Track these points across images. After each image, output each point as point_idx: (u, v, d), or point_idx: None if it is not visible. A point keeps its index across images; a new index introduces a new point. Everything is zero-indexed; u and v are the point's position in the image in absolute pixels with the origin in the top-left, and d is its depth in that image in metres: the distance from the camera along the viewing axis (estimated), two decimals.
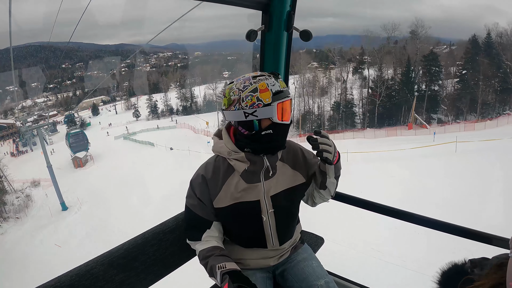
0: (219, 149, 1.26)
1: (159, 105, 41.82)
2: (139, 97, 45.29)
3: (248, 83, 1.16)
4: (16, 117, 38.77)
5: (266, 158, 1.23)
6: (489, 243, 1.20)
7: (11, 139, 33.88)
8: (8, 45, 40.05)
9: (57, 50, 47.04)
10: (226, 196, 1.24)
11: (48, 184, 18.50)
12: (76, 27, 36.91)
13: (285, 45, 1.64)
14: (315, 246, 1.72)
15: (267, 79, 1.16)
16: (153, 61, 52.51)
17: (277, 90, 1.15)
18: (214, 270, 1.16)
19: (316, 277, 1.35)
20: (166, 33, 46.92)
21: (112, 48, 53.78)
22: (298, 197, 1.38)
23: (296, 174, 1.33)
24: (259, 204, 1.26)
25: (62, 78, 47.56)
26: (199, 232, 1.29)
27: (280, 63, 1.68)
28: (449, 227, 1.34)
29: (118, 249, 1.27)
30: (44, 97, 45.08)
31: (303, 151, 1.39)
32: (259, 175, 1.25)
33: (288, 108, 1.18)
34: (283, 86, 1.17)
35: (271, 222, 1.29)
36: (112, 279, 1.20)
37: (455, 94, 28.94)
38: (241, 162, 1.22)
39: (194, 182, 1.29)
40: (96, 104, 45.69)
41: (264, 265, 1.39)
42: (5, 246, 14.30)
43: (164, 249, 1.37)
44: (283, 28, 1.57)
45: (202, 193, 1.26)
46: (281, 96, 1.15)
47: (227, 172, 1.26)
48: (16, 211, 17.48)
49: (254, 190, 1.25)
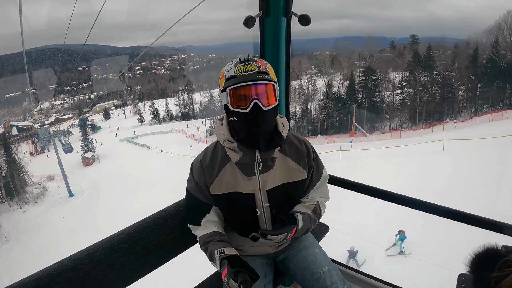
0: (218, 136, 1.26)
1: (161, 111, 44.44)
2: (145, 102, 47.82)
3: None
4: (34, 119, 41.55)
5: (257, 151, 1.20)
6: (500, 231, 1.20)
7: (30, 140, 36.97)
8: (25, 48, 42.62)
9: (74, 53, 48.99)
10: (221, 183, 1.24)
11: (60, 179, 24.67)
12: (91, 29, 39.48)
13: (285, 31, 1.63)
14: (319, 233, 1.73)
15: (228, 65, 1.16)
16: (168, 63, 53.45)
17: (230, 76, 1.13)
18: (213, 255, 1.17)
19: (319, 264, 1.33)
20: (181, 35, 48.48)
21: (128, 51, 55.13)
22: (297, 193, 1.34)
23: (298, 169, 1.29)
24: (254, 198, 1.25)
25: (79, 81, 49.25)
26: (199, 215, 1.29)
27: (280, 49, 1.67)
28: (459, 215, 1.34)
29: (119, 234, 1.30)
30: (61, 99, 47.08)
31: (309, 148, 1.34)
32: (253, 168, 1.23)
33: (248, 95, 1.11)
34: (246, 69, 1.11)
35: (266, 216, 1.28)
36: (113, 263, 1.23)
37: (397, 105, 30.96)
38: (234, 152, 1.21)
39: (193, 167, 1.30)
40: (108, 108, 48.08)
41: (263, 252, 1.40)
42: (26, 218, 21.77)
43: (165, 235, 1.39)
44: (282, 14, 1.56)
45: (199, 177, 1.27)
46: (233, 81, 1.11)
47: (224, 159, 1.25)
48: (35, 197, 24.35)
49: (249, 182, 1.24)
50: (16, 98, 42.41)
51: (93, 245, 1.24)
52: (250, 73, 1.10)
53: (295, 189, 1.31)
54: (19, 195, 24.92)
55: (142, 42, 60.31)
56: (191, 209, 1.33)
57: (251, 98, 1.11)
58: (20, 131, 36.96)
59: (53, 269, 1.13)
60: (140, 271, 1.32)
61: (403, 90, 30.57)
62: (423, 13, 35.99)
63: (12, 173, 26.39)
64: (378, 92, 31.54)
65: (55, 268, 1.13)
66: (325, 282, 1.28)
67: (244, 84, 1.10)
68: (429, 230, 10.23)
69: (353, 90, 32.00)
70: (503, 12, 26.78)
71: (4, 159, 27.74)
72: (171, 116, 43.34)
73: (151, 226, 1.36)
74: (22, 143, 36.05)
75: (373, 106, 30.88)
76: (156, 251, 1.36)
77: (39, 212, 21.90)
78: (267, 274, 1.35)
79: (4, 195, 24.80)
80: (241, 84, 1.10)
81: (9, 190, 25.05)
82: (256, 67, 1.12)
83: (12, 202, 24.20)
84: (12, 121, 38.49)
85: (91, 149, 33.25)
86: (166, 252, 1.41)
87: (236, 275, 1.03)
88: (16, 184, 25.77)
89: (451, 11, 35.46)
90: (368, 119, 30.37)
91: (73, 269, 1.15)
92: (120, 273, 1.25)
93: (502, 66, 25.92)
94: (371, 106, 30.78)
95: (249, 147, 1.19)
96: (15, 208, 23.41)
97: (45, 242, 17.04)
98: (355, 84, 32.15)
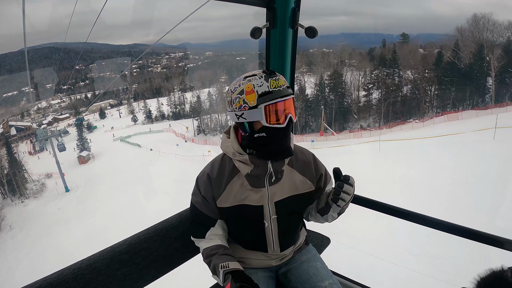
0: (225, 148, 1.27)
1: (153, 111, 45.99)
2: (139, 102, 49.01)
3: (237, 84, 1.18)
4: (32, 118, 42.88)
5: (270, 163, 1.23)
6: (501, 247, 1.20)
7: (29, 140, 38.54)
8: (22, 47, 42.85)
9: (71, 52, 49.90)
10: (229, 196, 1.26)
11: (58, 176, 27.78)
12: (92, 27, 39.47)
13: (291, 42, 1.67)
14: (321, 246, 1.75)
15: (255, 80, 1.14)
16: (164, 61, 53.74)
17: (264, 91, 1.13)
18: (217, 269, 1.18)
19: (320, 278, 1.36)
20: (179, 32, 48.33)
21: (125, 49, 55.80)
22: (304, 204, 1.37)
23: (304, 181, 1.32)
24: (262, 209, 1.27)
25: (76, 80, 49.69)
26: (204, 229, 1.31)
27: (286, 60, 1.71)
28: (459, 230, 1.36)
29: (120, 244, 1.32)
30: (58, 98, 47.70)
31: (316, 159, 1.38)
32: (263, 180, 1.25)
33: (282, 110, 1.15)
34: (278, 84, 1.14)
35: (273, 228, 1.31)
36: (113, 274, 1.25)
37: (363, 106, 32.76)
38: (245, 164, 1.23)
39: (199, 180, 1.31)
40: (104, 108, 49.31)
41: (266, 265, 1.41)
42: (27, 210, 24.76)
43: (166, 246, 1.41)
44: (288, 25, 1.60)
45: (207, 191, 1.28)
46: (269, 97, 1.13)
47: (232, 172, 1.27)
48: (34, 193, 27.40)
49: (258, 194, 1.26)
50: (14, 98, 43.38)
51: (94, 254, 1.26)
52: (284, 87, 1.15)
53: (302, 201, 1.34)
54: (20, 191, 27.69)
55: (139, 40, 60.92)
56: (195, 222, 1.33)
57: (286, 113, 1.15)
58: (18, 131, 38.39)
59: (53, 279, 1.13)
60: (141, 282, 1.34)
61: (370, 92, 32.48)
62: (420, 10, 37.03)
63: (14, 171, 28.91)
64: (343, 95, 33.38)
65: (55, 278, 1.14)
66: None
67: (281, 100, 1.13)
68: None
69: (323, 91, 33.76)
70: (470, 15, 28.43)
71: (7, 158, 30.12)
72: (163, 116, 45.11)
73: (152, 237, 1.38)
74: (21, 142, 37.61)
75: (342, 107, 32.90)
76: (157, 262, 1.38)
77: (38, 205, 25.08)
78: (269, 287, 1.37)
79: (7, 191, 27.50)
80: (279, 100, 1.13)
81: (12, 187, 27.72)
82: (284, 81, 1.16)
83: (14, 197, 27.02)
84: (10, 120, 39.34)
85: (86, 148, 35.54)
86: (167, 263, 1.42)
87: None
88: (17, 181, 28.40)
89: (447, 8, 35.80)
90: (338, 120, 32.39)
91: (74, 279, 1.16)
92: (121, 283, 1.26)
93: (462, 68, 27.76)
94: (340, 108, 32.77)
95: (270, 158, 1.22)
96: (17, 203, 26.32)
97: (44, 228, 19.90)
98: (324, 86, 33.84)
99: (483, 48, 27.56)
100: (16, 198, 26.95)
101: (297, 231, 1.43)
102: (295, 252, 1.46)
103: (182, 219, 1.48)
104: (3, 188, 27.69)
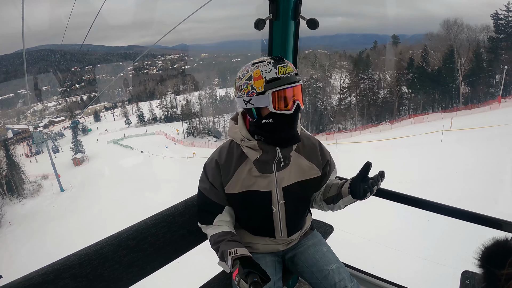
0: (233, 135, 1.29)
1: (146, 114, 47.05)
2: (132, 104, 49.64)
3: (246, 70, 1.20)
4: (28, 121, 43.66)
5: (278, 148, 1.25)
6: (500, 228, 1.22)
7: (25, 142, 39.57)
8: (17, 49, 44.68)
9: (67, 54, 49.85)
10: (237, 182, 1.28)
11: (53, 177, 30.07)
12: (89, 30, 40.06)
13: (293, 33, 1.71)
14: (324, 234, 1.77)
15: (263, 66, 1.16)
16: (160, 63, 53.65)
17: (272, 78, 1.14)
18: (225, 255, 1.19)
19: (327, 261, 1.38)
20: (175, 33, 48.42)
21: (121, 50, 56.20)
22: (311, 190, 1.40)
23: (311, 166, 1.35)
24: (270, 195, 1.30)
25: (72, 82, 49.77)
26: (211, 216, 1.33)
27: (288, 51, 1.75)
28: (460, 213, 1.40)
29: (127, 230, 1.33)
30: (54, 101, 47.96)
31: (321, 145, 1.41)
32: (271, 165, 1.28)
33: (290, 96, 1.16)
34: (287, 71, 1.15)
35: (281, 213, 1.33)
36: (120, 260, 1.26)
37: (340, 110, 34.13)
38: (254, 150, 1.25)
39: (207, 166, 1.33)
40: (98, 110, 50.14)
41: (273, 250, 1.44)
42: (26, 208, 27.17)
43: (173, 232, 1.43)
44: (290, 17, 1.64)
45: (215, 177, 1.30)
46: (277, 83, 1.14)
47: (240, 158, 1.29)
48: (32, 193, 29.77)
49: (266, 180, 1.29)
50: (10, 100, 43.88)
51: (101, 240, 1.27)
52: (292, 74, 1.16)
53: (309, 187, 1.37)
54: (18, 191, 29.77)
55: (135, 42, 60.91)
56: (203, 209, 1.36)
57: (293, 99, 1.17)
58: (15, 134, 39.37)
59: (59, 265, 1.14)
60: (148, 269, 1.35)
61: (344, 95, 33.95)
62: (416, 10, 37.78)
63: (12, 172, 30.81)
64: (319, 99, 34.82)
65: (62, 264, 1.14)
66: (333, 279, 1.32)
67: (289, 86, 1.15)
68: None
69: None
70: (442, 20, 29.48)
71: (5, 160, 31.91)
72: (155, 119, 46.39)
73: (159, 223, 1.40)
74: (18, 145, 38.63)
75: (319, 110, 34.50)
76: (164, 248, 1.39)
77: (35, 204, 27.54)
78: (276, 272, 1.39)
79: (5, 191, 29.50)
80: (287, 86, 1.15)
81: (10, 187, 29.72)
82: (292, 68, 1.17)
83: (12, 197, 29.14)
84: (6, 123, 40.24)
85: (81, 151, 37.16)
86: (174, 249, 1.44)
87: (247, 276, 1.05)
88: (16, 182, 30.37)
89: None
90: (315, 122, 34.01)
91: (80, 265, 1.17)
92: (127, 270, 1.27)
93: (433, 72, 29.26)
94: (316, 111, 34.27)
95: (278, 145, 1.24)
96: (15, 202, 28.47)
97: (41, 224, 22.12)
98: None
99: (453, 52, 28.78)
100: (14, 197, 29.09)
101: (304, 217, 1.46)
102: (301, 237, 1.49)
103: (188, 205, 1.51)
104: (2, 189, 29.57)
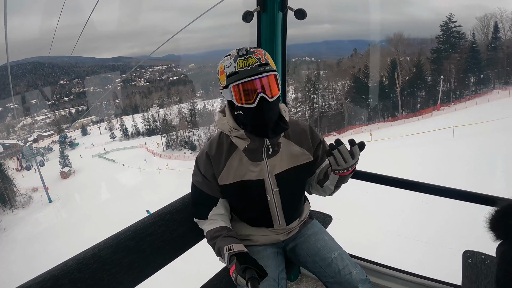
0: (221, 126, 1.31)
1: (129, 128, 48.69)
2: (118, 118, 50.56)
3: (219, 64, 1.22)
4: (17, 135, 45.34)
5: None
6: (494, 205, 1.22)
7: (15, 157, 41.50)
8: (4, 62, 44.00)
9: (55, 66, 50.37)
10: (229, 173, 1.30)
11: (42, 190, 33.76)
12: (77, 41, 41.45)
13: (281, 25, 1.76)
14: (323, 224, 1.78)
15: (226, 60, 1.18)
16: (148, 74, 54.22)
17: (231, 72, 1.16)
18: (222, 252, 1.21)
19: (329, 249, 1.39)
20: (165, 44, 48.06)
21: (109, 62, 56.25)
22: (304, 176, 1.41)
23: (302, 152, 1.35)
24: (263, 183, 1.31)
25: (60, 95, 50.54)
26: (206, 209, 1.35)
27: (276, 43, 1.79)
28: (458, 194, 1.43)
29: (125, 231, 1.33)
30: (43, 115, 49.16)
31: (312, 129, 1.41)
32: (261, 153, 1.29)
33: (252, 89, 1.15)
34: (246, 64, 1.14)
35: (276, 201, 1.35)
36: (120, 262, 1.24)
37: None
38: (242, 139, 1.27)
39: (199, 160, 1.36)
40: (86, 124, 51.53)
41: (274, 240, 1.45)
42: (17, 217, 30.92)
43: (172, 230, 1.42)
44: (278, 9, 1.68)
45: (206, 169, 1.32)
46: (234, 78, 1.15)
47: (230, 149, 1.31)
48: (23, 204, 33.46)
49: (257, 168, 1.30)
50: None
51: (98, 243, 1.25)
52: (252, 67, 1.14)
53: (302, 172, 1.38)
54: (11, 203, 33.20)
55: (124, 53, 62.10)
56: (197, 203, 1.38)
57: (257, 92, 1.15)
58: (5, 149, 41.09)
59: (57, 271, 1.12)
60: (148, 270, 1.34)
61: (297, 110, 35.99)
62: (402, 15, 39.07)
63: (5, 185, 33.86)
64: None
65: (59, 270, 1.13)
66: (337, 266, 1.32)
67: (248, 80, 1.14)
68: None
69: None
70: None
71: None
72: (138, 132, 48.57)
73: (157, 221, 1.40)
74: (9, 159, 40.43)
75: None
76: (163, 247, 1.39)
77: (26, 213, 31.36)
78: (279, 263, 1.39)
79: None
80: (245, 80, 1.14)
81: (3, 199, 33.01)
82: (256, 59, 1.15)
83: (5, 208, 32.70)
84: None
85: (68, 164, 40.02)
86: (174, 248, 1.43)
87: (244, 272, 1.07)
88: (8, 194, 33.55)
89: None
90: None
91: (79, 270, 1.15)
92: (128, 272, 1.27)
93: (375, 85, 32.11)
94: None
95: (257, 135, 1.25)
96: (8, 212, 32.12)
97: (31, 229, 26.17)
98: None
99: (395, 64, 30.97)
100: (7, 208, 32.56)
101: (301, 203, 1.48)
102: (300, 226, 1.50)
103: (185, 202, 1.52)
104: None
